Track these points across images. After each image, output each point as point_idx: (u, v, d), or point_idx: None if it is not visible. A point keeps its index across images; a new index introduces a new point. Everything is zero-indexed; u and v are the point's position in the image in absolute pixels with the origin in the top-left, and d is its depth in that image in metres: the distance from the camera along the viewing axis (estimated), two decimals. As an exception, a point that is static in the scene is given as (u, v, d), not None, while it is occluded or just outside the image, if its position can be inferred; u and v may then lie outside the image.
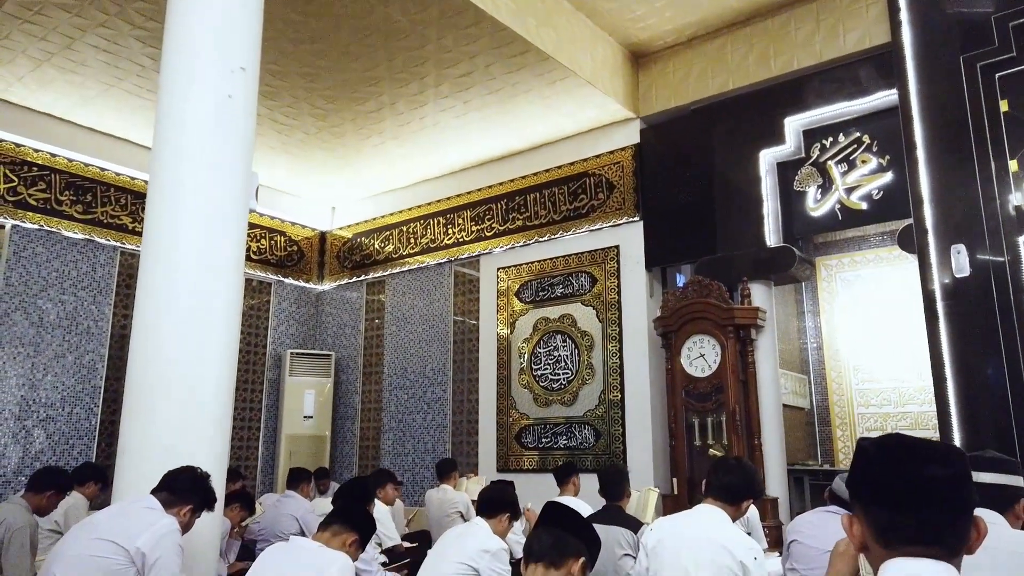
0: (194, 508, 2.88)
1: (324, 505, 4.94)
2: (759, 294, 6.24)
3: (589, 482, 4.64)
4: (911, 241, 5.19)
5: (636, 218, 6.92)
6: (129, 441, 3.42)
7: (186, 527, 2.84)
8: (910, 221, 5.21)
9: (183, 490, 2.86)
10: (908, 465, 1.15)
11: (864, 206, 5.89)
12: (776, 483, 5.96)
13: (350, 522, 2.73)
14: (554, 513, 2.13)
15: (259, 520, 5.28)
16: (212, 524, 3.26)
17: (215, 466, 3.20)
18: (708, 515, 2.71)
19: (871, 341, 7.82)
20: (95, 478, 5.00)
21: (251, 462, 8.20)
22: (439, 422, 7.98)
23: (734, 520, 2.71)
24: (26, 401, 6.49)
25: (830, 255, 8.40)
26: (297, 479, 5.58)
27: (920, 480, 1.12)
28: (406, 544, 5.19)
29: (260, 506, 5.76)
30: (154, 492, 2.86)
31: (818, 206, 6.12)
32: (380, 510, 4.87)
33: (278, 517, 5.04)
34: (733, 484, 2.75)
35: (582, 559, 1.98)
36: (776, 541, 5.34)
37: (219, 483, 3.26)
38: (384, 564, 4.39)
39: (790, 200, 6.24)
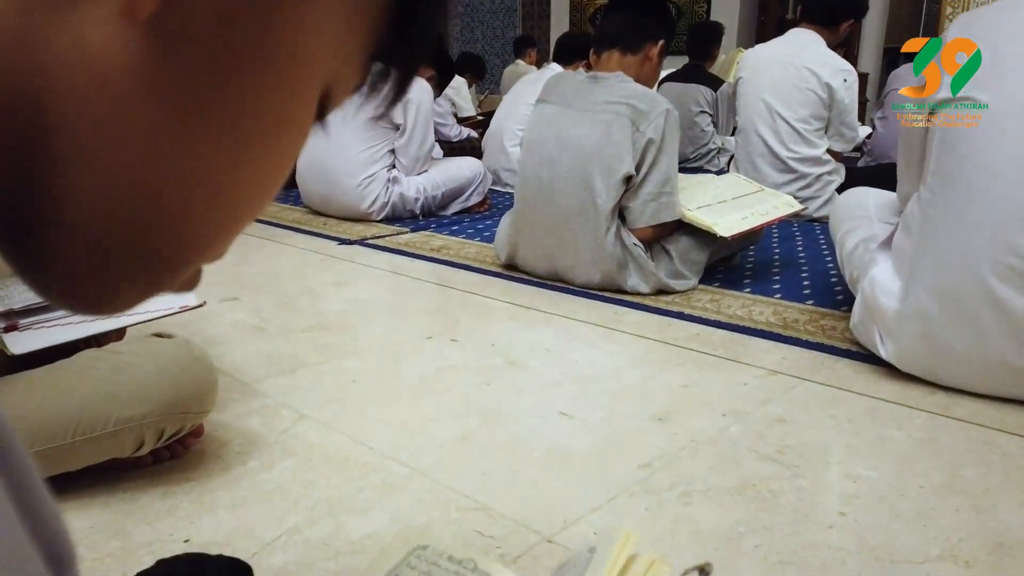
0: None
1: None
2: None
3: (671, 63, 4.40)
4: None
5: None
6: None
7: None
8: None
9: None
10: None
11: None
12: (870, 60, 5.61)
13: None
14: None
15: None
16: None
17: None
18: (797, 38, 2.44)
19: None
20: None
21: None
22: (508, 5, 7.52)
23: (830, 45, 2.45)
24: None
25: None
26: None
27: None
28: (479, 116, 5.29)
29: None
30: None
31: None
32: (458, 80, 5.14)
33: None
34: (833, 2, 2.41)
35: (661, 42, 1.74)
36: (860, 117, 5.18)
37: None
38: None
39: None
